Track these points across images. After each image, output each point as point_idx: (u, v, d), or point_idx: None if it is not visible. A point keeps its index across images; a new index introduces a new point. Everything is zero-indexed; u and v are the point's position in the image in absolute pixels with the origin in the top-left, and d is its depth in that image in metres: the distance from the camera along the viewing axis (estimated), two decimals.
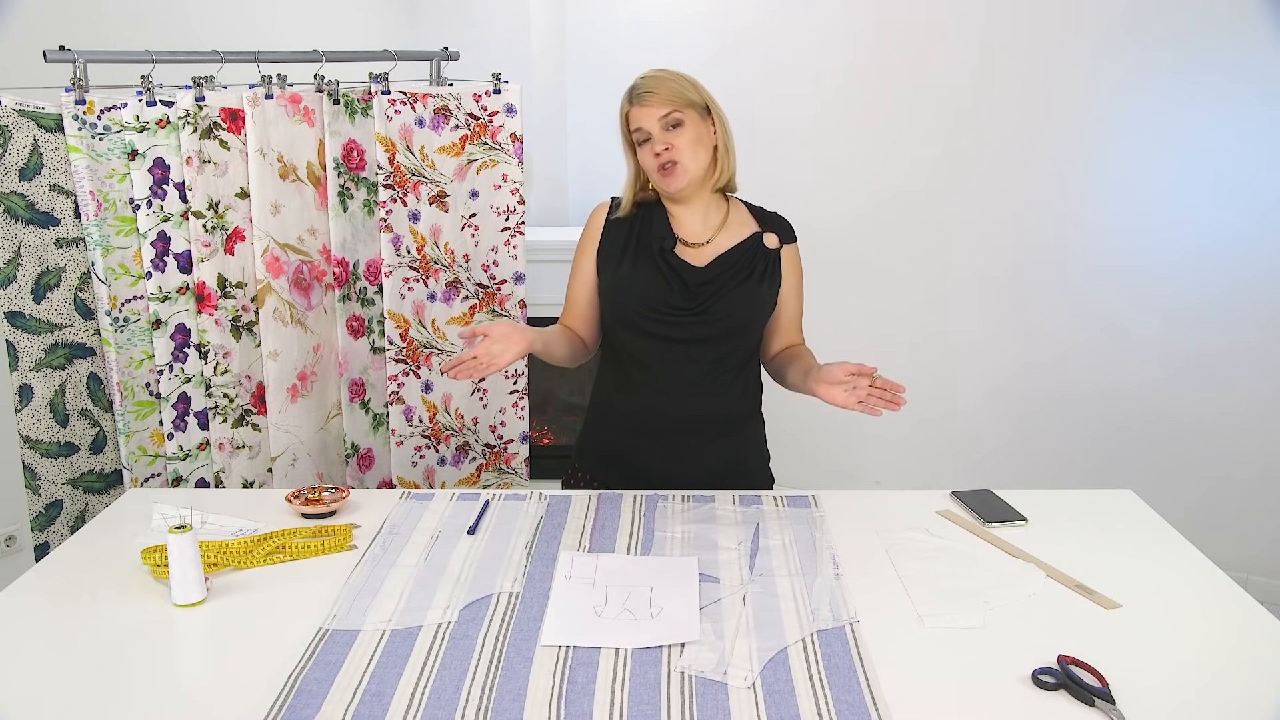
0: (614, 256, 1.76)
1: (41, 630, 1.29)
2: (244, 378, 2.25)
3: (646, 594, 1.33)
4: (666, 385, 1.73)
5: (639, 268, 1.73)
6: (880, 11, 3.15)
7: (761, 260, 1.75)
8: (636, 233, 1.77)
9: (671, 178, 1.68)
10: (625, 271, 1.73)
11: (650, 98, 1.66)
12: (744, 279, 1.72)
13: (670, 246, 1.73)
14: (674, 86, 1.67)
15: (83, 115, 2.01)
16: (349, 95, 2.30)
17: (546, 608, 1.31)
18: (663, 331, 1.71)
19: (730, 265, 1.72)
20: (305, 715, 1.08)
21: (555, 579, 1.39)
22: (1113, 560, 1.45)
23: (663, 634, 1.23)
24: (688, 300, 1.70)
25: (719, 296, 1.70)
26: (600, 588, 1.36)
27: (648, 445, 1.76)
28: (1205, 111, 2.78)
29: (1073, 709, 1.09)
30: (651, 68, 1.71)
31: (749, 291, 1.72)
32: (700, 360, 1.71)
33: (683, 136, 1.66)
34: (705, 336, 1.71)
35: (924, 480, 3.34)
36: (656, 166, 1.68)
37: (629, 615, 1.28)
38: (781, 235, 1.79)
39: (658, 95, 1.66)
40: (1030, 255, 3.10)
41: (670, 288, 1.71)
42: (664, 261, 1.72)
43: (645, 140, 1.68)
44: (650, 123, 1.66)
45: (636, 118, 1.68)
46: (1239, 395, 2.89)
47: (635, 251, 1.75)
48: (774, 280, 1.76)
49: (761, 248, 1.76)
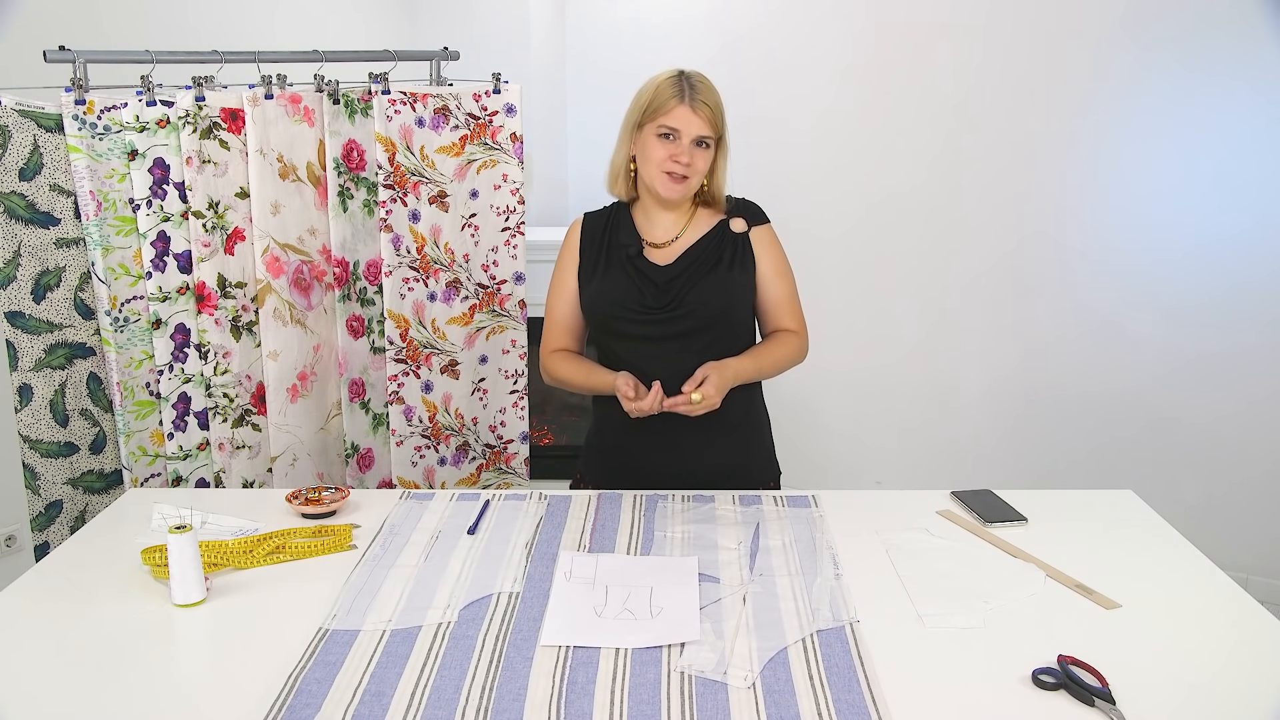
0: (590, 271, 1.78)
1: (41, 630, 1.29)
2: (244, 378, 2.25)
3: (646, 594, 1.33)
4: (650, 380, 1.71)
5: (610, 276, 1.75)
6: (881, 11, 3.15)
7: (730, 246, 1.74)
8: (607, 243, 1.77)
9: (676, 187, 1.67)
10: (599, 283, 1.75)
11: (705, 110, 1.63)
12: (712, 267, 1.72)
13: (636, 252, 1.74)
14: (720, 109, 1.65)
15: (83, 115, 2.01)
16: (349, 95, 2.30)
17: (546, 608, 1.31)
18: (642, 332, 1.72)
19: (697, 258, 1.72)
20: (305, 715, 1.08)
21: (555, 579, 1.39)
22: (1113, 560, 1.45)
23: (663, 634, 1.23)
24: (659, 299, 1.70)
25: (689, 289, 1.70)
26: (600, 588, 1.36)
27: (649, 445, 1.76)
28: (1206, 112, 2.78)
29: (1073, 709, 1.09)
30: (700, 73, 1.66)
31: (719, 279, 1.71)
32: (687, 354, 1.69)
33: (704, 159, 1.66)
34: (686, 330, 1.70)
35: (924, 480, 3.34)
36: (667, 170, 1.65)
37: (629, 615, 1.28)
38: (749, 218, 1.78)
39: (711, 110, 1.63)
40: (1031, 255, 3.10)
41: (641, 291, 1.71)
42: (633, 267, 1.73)
43: (672, 137, 1.64)
44: (690, 130, 1.63)
45: (681, 117, 1.62)
46: (1239, 395, 2.89)
47: (607, 262, 1.76)
48: (745, 264, 1.74)
49: (728, 234, 1.75)
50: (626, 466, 1.79)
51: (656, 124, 1.64)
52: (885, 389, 3.39)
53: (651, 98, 1.65)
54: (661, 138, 1.64)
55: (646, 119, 1.66)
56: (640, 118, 1.67)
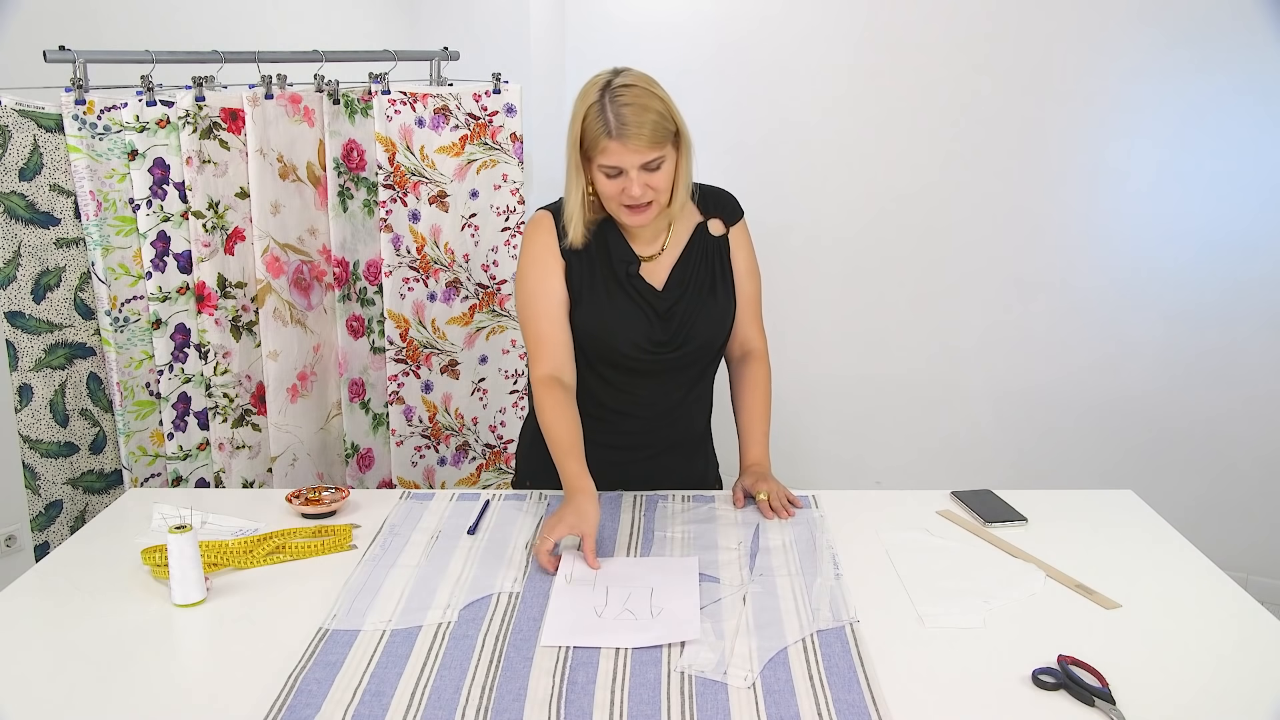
0: (583, 283, 1.59)
1: (41, 630, 1.29)
2: (244, 378, 2.25)
3: (647, 594, 1.33)
4: (636, 408, 1.68)
5: (616, 303, 1.59)
6: (882, 11, 3.15)
7: (715, 258, 1.65)
8: (599, 259, 1.60)
9: (641, 216, 1.51)
10: (604, 308, 1.59)
11: (636, 138, 1.42)
12: (708, 293, 1.63)
13: (635, 270, 1.60)
14: (656, 120, 1.44)
15: (83, 115, 2.01)
16: (349, 95, 2.30)
17: (546, 608, 1.31)
18: (643, 367, 1.63)
19: (687, 280, 1.62)
20: (305, 715, 1.08)
21: (556, 581, 1.39)
22: (1113, 560, 1.45)
23: (663, 634, 1.23)
24: (664, 330, 1.61)
25: (690, 323, 1.61)
26: (600, 588, 1.36)
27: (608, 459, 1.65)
28: (1206, 112, 2.78)
29: (1073, 709, 1.09)
30: (625, 83, 1.46)
31: (718, 311, 1.64)
32: (675, 384, 1.68)
33: (661, 177, 1.48)
34: (684, 364, 1.66)
35: (924, 480, 3.34)
36: (623, 203, 1.49)
37: (629, 615, 1.28)
38: (726, 217, 1.68)
39: (645, 136, 1.42)
40: (1031, 256, 3.10)
41: (650, 321, 1.60)
42: (633, 289, 1.60)
43: (616, 175, 1.47)
44: (630, 162, 1.44)
45: (615, 155, 1.44)
46: (1239, 395, 2.88)
47: (606, 282, 1.60)
48: (729, 278, 1.67)
49: (709, 240, 1.65)
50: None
51: (596, 163, 1.48)
52: (886, 389, 3.38)
53: (583, 131, 1.47)
54: (610, 177, 1.48)
55: (584, 155, 1.49)
56: (577, 153, 1.50)
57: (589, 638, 1.23)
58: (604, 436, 1.65)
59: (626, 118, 1.43)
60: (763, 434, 1.71)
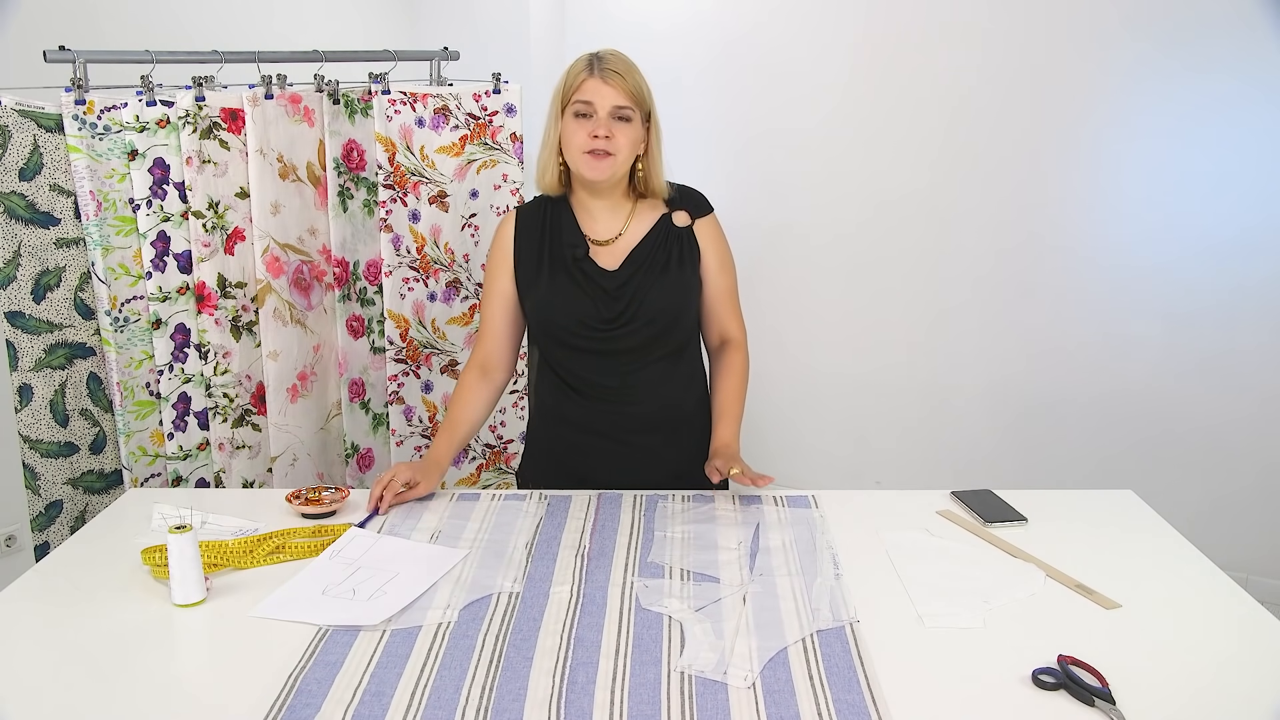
0: (530, 273, 1.70)
1: (41, 630, 1.29)
2: (244, 378, 2.25)
3: (386, 578, 1.37)
4: (613, 390, 1.71)
5: (556, 283, 1.68)
6: (881, 12, 3.15)
7: (675, 243, 1.70)
8: (548, 242, 1.70)
9: (600, 165, 1.61)
10: (545, 290, 1.68)
11: (616, 79, 1.58)
12: (661, 270, 1.68)
13: (583, 254, 1.68)
14: (637, 80, 1.61)
15: (83, 115, 2.01)
16: (349, 95, 2.30)
17: (290, 582, 1.37)
18: (594, 346, 1.68)
19: (643, 261, 1.68)
20: (305, 715, 1.08)
21: (320, 557, 1.44)
22: (1113, 560, 1.45)
23: (361, 615, 1.27)
24: (610, 308, 1.66)
25: (641, 298, 1.66)
26: (352, 567, 1.41)
27: (603, 447, 1.74)
28: (1206, 112, 2.78)
29: (1073, 709, 1.09)
30: (612, 52, 1.63)
31: (670, 281, 1.68)
32: (636, 366, 1.70)
33: (625, 133, 1.61)
34: (639, 344, 1.68)
35: (924, 480, 3.34)
36: (588, 149, 1.60)
37: (349, 594, 1.33)
38: (693, 210, 1.73)
39: (624, 81, 1.59)
40: (1031, 256, 3.10)
41: (594, 302, 1.66)
42: (579, 271, 1.67)
43: (587, 115, 1.59)
44: (604, 102, 1.58)
45: (591, 90, 1.59)
46: (1239, 395, 2.88)
47: (550, 264, 1.69)
48: (692, 260, 1.71)
49: (672, 229, 1.71)
50: (578, 472, 1.76)
51: (572, 105, 1.60)
52: (886, 389, 3.39)
53: (564, 82, 1.62)
54: (579, 118, 1.60)
55: (564, 104, 1.62)
56: (559, 106, 1.63)
57: (295, 612, 1.29)
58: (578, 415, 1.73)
59: (609, 62, 1.60)
60: (734, 417, 1.73)
